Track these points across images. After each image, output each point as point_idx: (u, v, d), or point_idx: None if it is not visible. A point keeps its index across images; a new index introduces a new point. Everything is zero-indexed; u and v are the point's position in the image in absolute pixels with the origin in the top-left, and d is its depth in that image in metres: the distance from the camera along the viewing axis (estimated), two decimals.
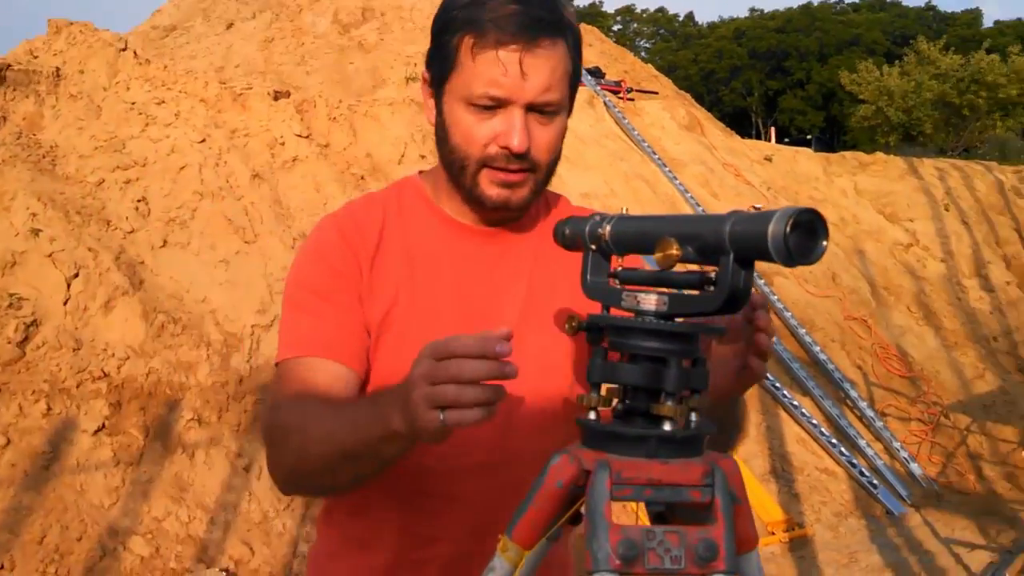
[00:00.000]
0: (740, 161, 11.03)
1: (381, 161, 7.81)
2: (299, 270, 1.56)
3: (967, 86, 27.69)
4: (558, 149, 1.53)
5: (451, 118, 1.48)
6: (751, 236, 1.01)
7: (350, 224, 1.56)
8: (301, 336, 1.49)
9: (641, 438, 1.09)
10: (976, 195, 12.07)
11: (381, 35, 12.64)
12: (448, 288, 1.54)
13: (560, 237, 1.33)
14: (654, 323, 1.11)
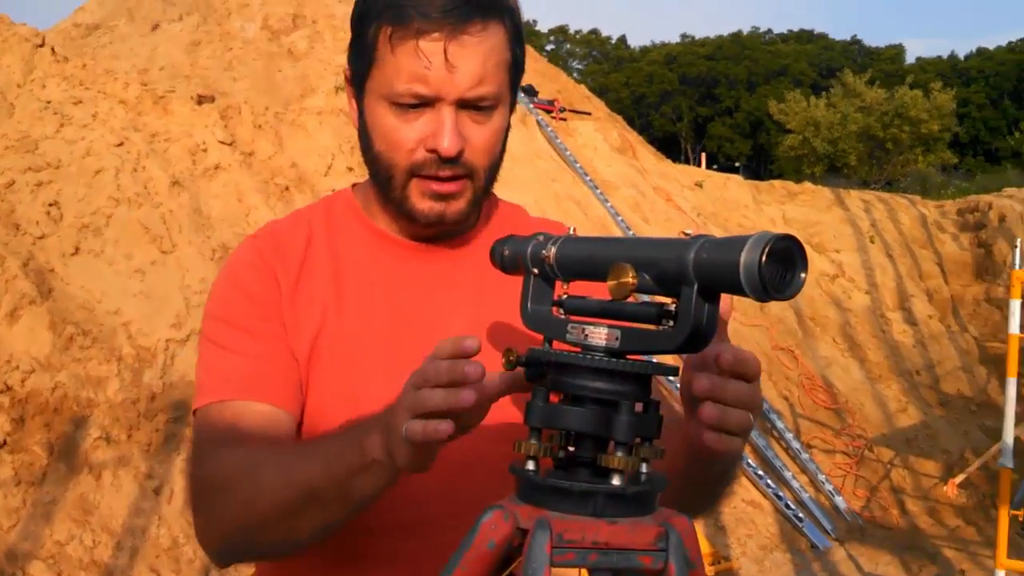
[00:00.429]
0: (671, 186, 11.03)
1: (307, 172, 7.60)
2: (215, 300, 1.40)
3: (891, 120, 28.33)
4: (498, 150, 1.37)
5: (373, 120, 1.33)
6: (719, 265, 0.88)
7: (270, 244, 1.40)
8: (223, 377, 1.32)
9: (586, 494, 0.95)
10: (900, 228, 12.23)
11: (312, 43, 12.39)
12: (381, 311, 1.38)
13: (497, 259, 1.18)
14: (604, 361, 0.96)
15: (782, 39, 62.54)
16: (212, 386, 1.32)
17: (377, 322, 1.37)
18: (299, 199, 7.12)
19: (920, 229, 12.46)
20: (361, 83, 1.34)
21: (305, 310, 1.36)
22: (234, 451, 1.23)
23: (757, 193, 11.94)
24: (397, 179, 1.33)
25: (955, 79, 43.12)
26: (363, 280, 1.40)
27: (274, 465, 1.17)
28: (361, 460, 1.09)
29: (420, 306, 1.40)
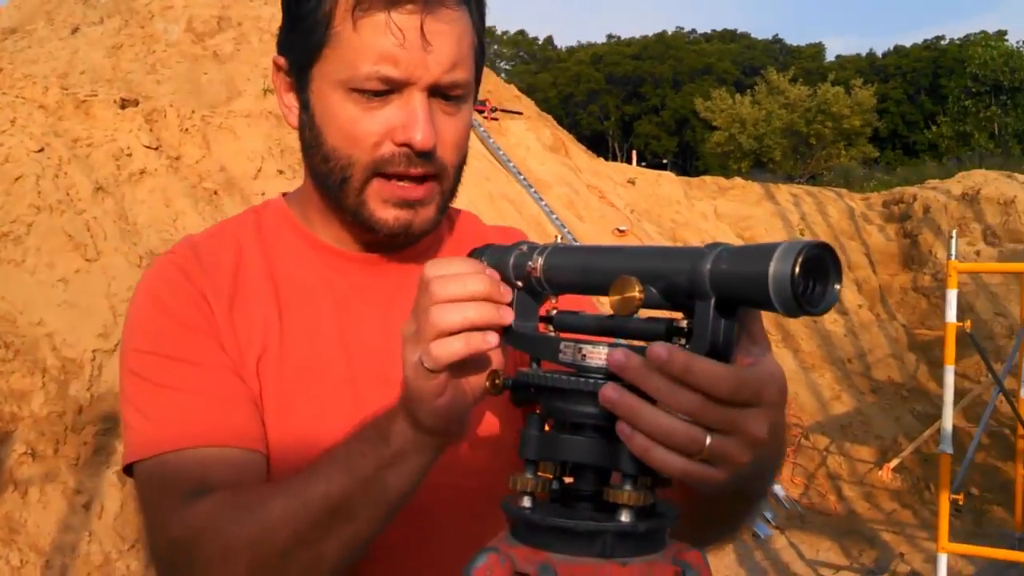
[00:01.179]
0: (604, 183, 11.01)
1: (236, 175, 7.40)
2: (136, 331, 1.17)
3: (814, 116, 28.82)
4: (466, 148, 1.20)
5: (325, 112, 1.13)
6: (743, 277, 0.78)
7: (191, 262, 1.19)
8: (170, 420, 1.10)
9: (593, 533, 0.86)
10: (829, 221, 12.39)
11: (237, 45, 12.13)
12: (330, 335, 1.20)
13: None
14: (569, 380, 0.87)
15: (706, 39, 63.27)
16: (160, 434, 1.10)
17: (326, 347, 1.19)
18: (228, 203, 6.93)
19: (848, 221, 12.63)
20: (305, 70, 1.14)
21: (245, 338, 1.16)
22: (213, 496, 1.03)
23: (689, 189, 11.99)
24: (354, 180, 1.13)
25: (873, 76, 43.92)
26: (307, 300, 1.21)
27: (278, 492, 1.00)
28: (389, 451, 0.96)
29: (374, 326, 1.21)
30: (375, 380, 1.16)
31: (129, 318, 1.20)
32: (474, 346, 0.90)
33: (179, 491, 1.06)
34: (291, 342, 1.18)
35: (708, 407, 0.79)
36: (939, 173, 17.15)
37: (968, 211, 12.32)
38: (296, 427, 1.15)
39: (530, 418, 0.90)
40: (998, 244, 11.78)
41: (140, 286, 1.21)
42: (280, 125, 8.10)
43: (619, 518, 0.86)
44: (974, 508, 8.12)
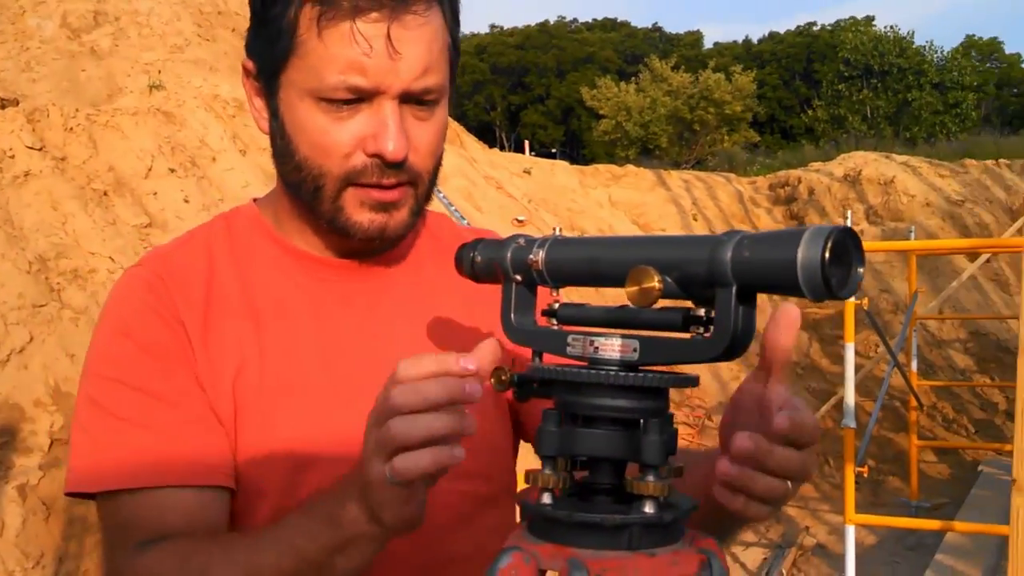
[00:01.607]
0: (500, 174, 11.02)
1: (126, 175, 7.16)
2: (100, 355, 1.13)
3: (697, 102, 29.40)
4: (441, 151, 1.18)
5: (295, 122, 1.10)
6: (769, 264, 0.78)
7: (162, 277, 1.15)
8: (127, 458, 1.07)
9: (621, 526, 0.85)
10: (720, 205, 12.67)
11: (116, 41, 11.72)
12: (311, 344, 1.17)
13: (467, 266, 1.01)
14: (626, 377, 0.86)
15: (587, 27, 63.76)
16: (116, 470, 1.07)
17: (307, 358, 1.16)
18: (120, 204, 6.70)
19: (737, 205, 12.94)
20: (273, 77, 1.12)
21: (219, 355, 1.12)
22: (167, 550, 1.02)
23: (583, 177, 12.11)
24: (328, 190, 1.11)
25: (750, 62, 44.98)
26: (284, 310, 1.17)
27: (230, 562, 0.98)
28: (340, 536, 0.94)
29: (354, 333, 1.19)
30: (357, 390, 1.13)
31: (93, 338, 1.16)
32: (441, 462, 0.88)
33: (132, 538, 1.05)
34: (271, 354, 1.15)
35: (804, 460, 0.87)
36: (818, 156, 17.71)
37: (851, 192, 12.76)
38: (279, 440, 1.12)
39: (547, 415, 0.89)
40: (880, 223, 12.22)
41: (106, 304, 1.17)
42: (169, 122, 7.88)
43: (643, 509, 0.85)
44: (871, 479, 8.41)
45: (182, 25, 11.34)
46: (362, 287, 1.22)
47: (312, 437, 1.13)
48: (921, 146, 23.14)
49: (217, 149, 7.97)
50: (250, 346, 1.14)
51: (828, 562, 6.58)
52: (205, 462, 1.09)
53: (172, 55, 9.74)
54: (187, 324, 1.12)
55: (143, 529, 1.05)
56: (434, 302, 1.26)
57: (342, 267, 1.22)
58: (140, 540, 1.04)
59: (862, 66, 40.70)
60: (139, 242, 6.43)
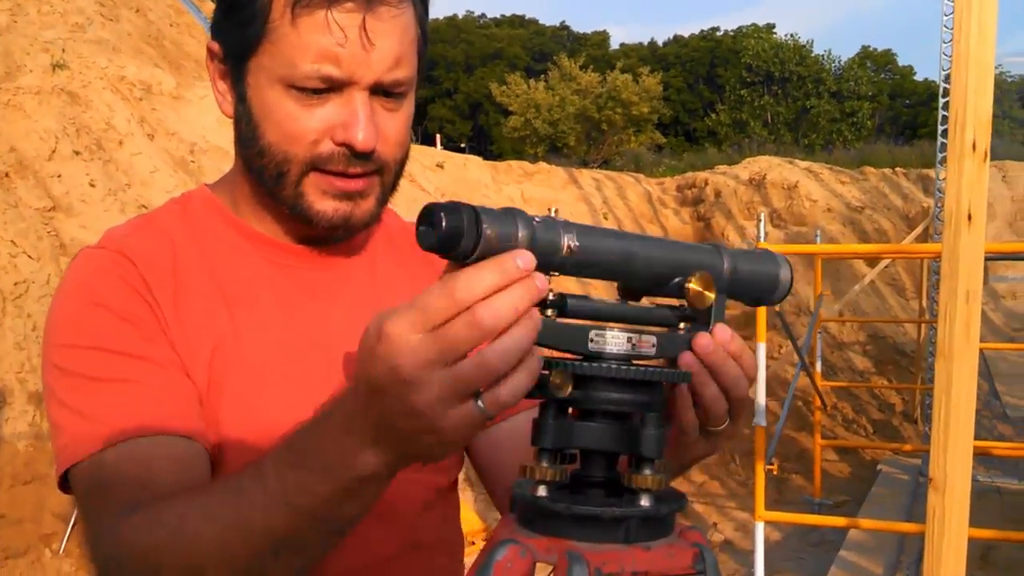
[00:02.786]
0: (413, 167, 10.95)
1: (28, 156, 6.90)
2: (63, 325, 1.08)
3: (604, 102, 29.73)
4: (408, 143, 1.16)
5: (263, 107, 1.08)
6: (758, 277, 0.97)
7: (127, 256, 1.10)
8: (108, 414, 1.01)
9: (619, 519, 0.84)
10: (629, 204, 12.82)
11: (13, 16, 11.30)
12: (276, 327, 1.14)
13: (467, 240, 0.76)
14: (631, 370, 0.85)
15: (496, 23, 63.92)
16: (95, 430, 1.01)
17: (277, 343, 1.13)
18: (22, 187, 6.46)
19: (646, 205, 13.11)
20: (241, 61, 1.09)
21: (194, 332, 1.09)
22: (155, 514, 0.94)
23: (496, 173, 12.12)
24: (291, 175, 1.09)
25: (656, 64, 45.64)
26: (250, 294, 1.15)
27: (211, 518, 0.90)
28: (345, 485, 0.85)
29: (318, 319, 1.17)
30: (325, 377, 1.11)
31: (55, 313, 1.09)
32: (536, 374, 0.79)
33: (117, 499, 0.98)
34: (245, 335, 1.12)
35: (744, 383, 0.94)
36: (721, 159, 18.04)
37: (756, 195, 13.04)
38: (255, 421, 1.09)
39: (544, 407, 0.87)
40: (784, 227, 12.52)
41: (68, 279, 1.11)
42: (74, 103, 7.62)
43: (641, 503, 0.84)
44: (775, 477, 8.61)
45: (83, 3, 10.96)
46: (323, 276, 1.20)
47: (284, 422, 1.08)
48: (819, 153, 23.77)
49: (124, 133, 7.74)
50: (224, 325, 1.11)
51: (735, 558, 6.71)
52: (187, 414, 1.05)
53: (74, 34, 9.42)
54: (159, 301, 1.09)
55: (131, 485, 0.99)
56: (390, 295, 1.24)
57: (302, 253, 1.20)
58: (126, 502, 0.97)
59: (763, 73, 41.67)
60: (42, 226, 6.21)
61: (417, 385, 0.74)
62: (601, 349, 0.86)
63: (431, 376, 0.74)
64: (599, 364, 0.84)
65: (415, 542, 1.19)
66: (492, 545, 0.85)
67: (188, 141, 8.31)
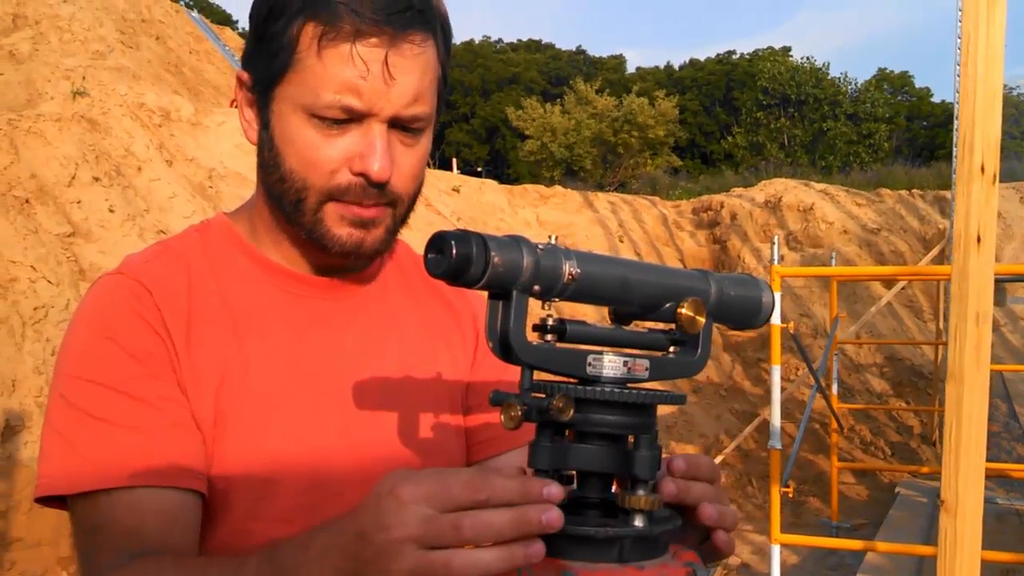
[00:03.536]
0: (429, 191, 11.01)
1: (48, 183, 6.98)
2: (78, 357, 1.11)
3: (621, 126, 29.80)
4: (422, 177, 1.21)
5: (285, 134, 1.12)
6: (743, 302, 1.00)
7: (145, 284, 1.14)
8: (105, 457, 1.05)
9: (612, 539, 0.86)
10: (644, 227, 12.83)
11: (36, 45, 11.45)
12: (289, 358, 1.18)
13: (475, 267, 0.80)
14: (631, 394, 0.87)
15: (512, 48, 64.27)
16: (91, 471, 1.05)
17: (288, 373, 1.16)
18: (42, 212, 6.53)
19: (662, 228, 13.12)
20: (267, 89, 1.14)
21: (203, 363, 1.12)
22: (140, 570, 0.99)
23: (512, 197, 12.16)
24: (310, 203, 1.13)
25: (672, 88, 45.74)
26: (262, 323, 1.18)
27: None
28: None
29: (332, 350, 1.21)
30: (336, 407, 1.17)
31: (69, 340, 1.13)
32: (516, 562, 0.80)
33: (108, 545, 1.04)
34: (254, 365, 1.15)
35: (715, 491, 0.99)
36: (738, 182, 18.05)
37: (772, 218, 13.02)
38: (259, 452, 1.12)
39: (541, 429, 0.89)
40: (800, 249, 12.49)
41: (84, 307, 1.15)
42: (94, 131, 7.71)
43: (634, 523, 0.86)
44: (792, 500, 8.56)
45: (104, 31, 11.13)
46: (335, 306, 1.24)
47: (290, 451, 1.14)
48: (836, 175, 23.73)
49: (143, 159, 7.82)
50: (233, 355, 1.15)
51: None
52: (183, 465, 1.08)
53: (94, 61, 9.54)
54: (171, 331, 1.12)
55: (121, 533, 1.03)
56: (400, 326, 1.28)
57: (315, 283, 1.23)
58: (116, 547, 1.02)
59: (780, 95, 41.63)
60: (62, 251, 6.27)
61: (394, 553, 0.79)
62: (598, 373, 0.89)
63: (407, 550, 0.79)
64: (600, 388, 0.87)
65: None
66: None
67: (206, 167, 8.40)
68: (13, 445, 5.01)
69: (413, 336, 1.29)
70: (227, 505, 1.11)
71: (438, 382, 1.30)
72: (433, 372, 1.29)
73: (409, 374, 1.27)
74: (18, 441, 5.04)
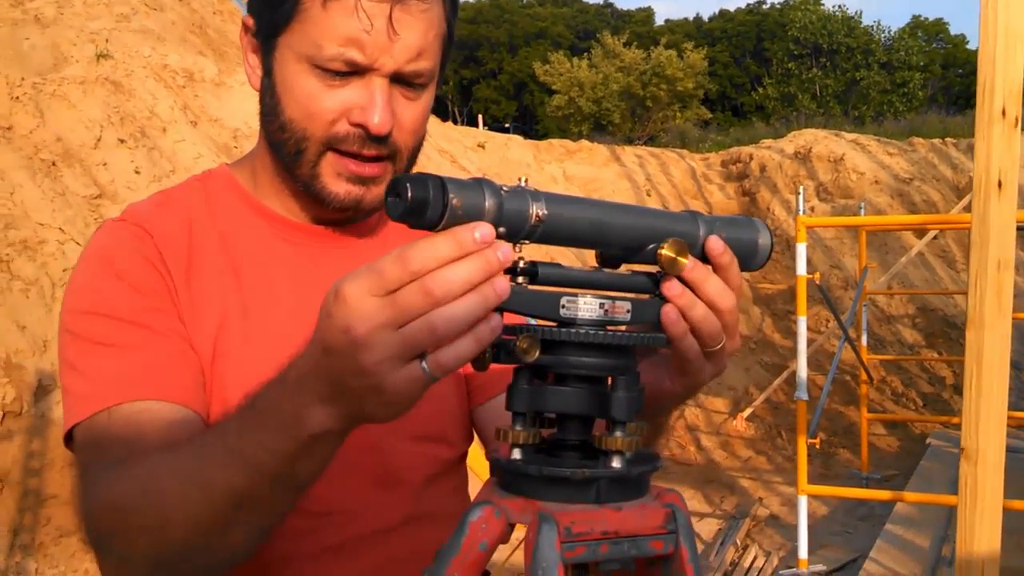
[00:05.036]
0: (454, 148, 10.99)
1: (74, 146, 7.02)
2: (83, 294, 1.13)
3: (649, 79, 29.50)
4: (424, 131, 1.21)
5: (286, 83, 1.13)
6: (737, 244, 0.97)
7: (147, 230, 1.16)
8: (108, 378, 1.06)
9: (589, 480, 0.86)
10: (672, 181, 12.73)
11: (60, 9, 11.48)
12: (288, 303, 1.18)
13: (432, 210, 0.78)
14: (602, 335, 0.86)
15: (539, 3, 63.59)
16: (94, 392, 1.06)
17: (288, 319, 1.16)
18: (68, 175, 6.58)
19: (690, 181, 13.02)
20: (271, 36, 1.14)
21: (203, 305, 1.14)
22: (128, 469, 0.98)
23: (537, 152, 12.10)
24: (309, 152, 1.14)
25: (701, 40, 45.12)
26: (262, 270, 1.19)
27: (176, 475, 0.94)
28: (299, 442, 0.87)
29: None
30: None
31: (73, 281, 1.15)
32: (485, 342, 0.80)
33: (105, 454, 1.03)
34: (254, 309, 1.17)
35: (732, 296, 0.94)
36: (769, 133, 17.82)
37: (801, 169, 12.88)
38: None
39: (518, 372, 0.89)
40: (830, 200, 12.36)
41: (88, 251, 1.17)
42: (117, 93, 7.73)
43: (611, 464, 0.86)
44: (822, 451, 8.55)
45: None
46: (335, 254, 1.24)
47: None
48: (869, 125, 23.40)
49: (167, 120, 7.84)
50: (232, 303, 1.16)
51: (781, 532, 6.68)
52: (184, 384, 1.09)
53: (119, 24, 9.53)
54: (172, 272, 1.14)
55: (118, 445, 1.03)
56: None
57: (315, 233, 1.24)
58: (111, 459, 1.01)
59: (811, 45, 41.06)
60: (89, 213, 6.33)
61: (366, 346, 0.78)
62: (573, 315, 0.88)
63: (379, 338, 0.77)
64: (568, 330, 0.86)
65: (420, 513, 1.23)
66: (467, 507, 0.88)
67: (231, 127, 8.41)
68: (45, 404, 5.09)
69: None
70: None
71: None
72: None
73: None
74: (50, 400, 5.12)
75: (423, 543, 1.24)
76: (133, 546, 0.96)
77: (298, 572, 1.15)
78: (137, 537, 0.95)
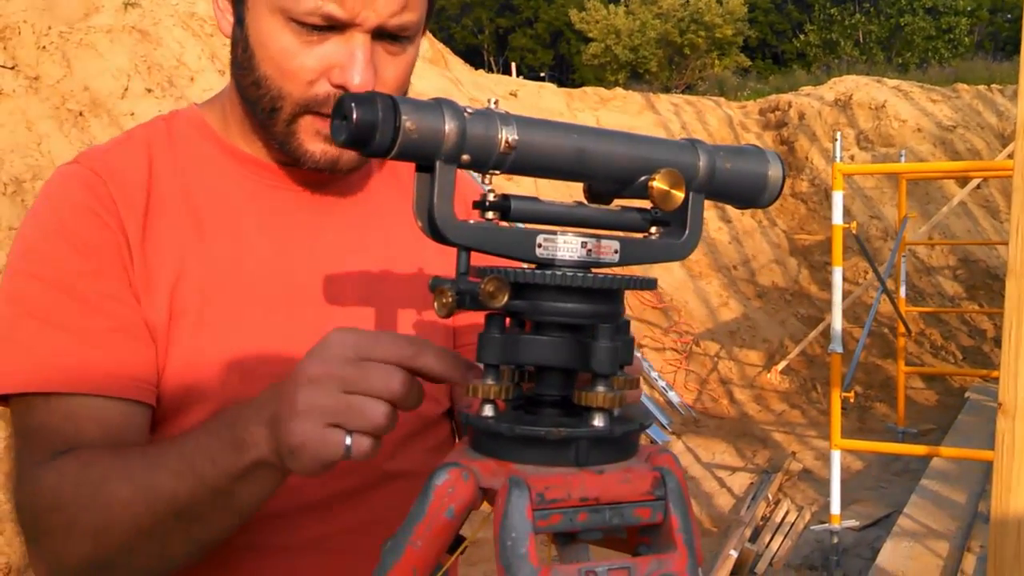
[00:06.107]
0: (486, 96, 10.82)
1: (101, 95, 6.98)
2: (27, 250, 1.06)
3: (687, 26, 28.98)
4: (407, 87, 1.11)
5: (261, 36, 1.03)
6: (742, 176, 0.87)
7: (101, 175, 1.07)
8: (44, 361, 1.00)
9: (567, 440, 0.77)
10: (709, 130, 12.50)
11: None
12: (256, 251, 1.10)
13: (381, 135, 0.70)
14: (580, 277, 0.77)
15: None
16: (31, 369, 1.00)
17: (252, 264, 1.10)
18: (96, 125, 6.55)
19: (727, 129, 12.78)
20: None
21: (157, 260, 1.06)
22: (69, 464, 0.95)
23: (571, 100, 11.93)
24: (284, 112, 1.05)
25: None
26: (228, 216, 1.11)
27: (127, 479, 0.91)
28: (241, 462, 0.87)
29: (303, 244, 1.13)
30: (312, 304, 1.11)
31: (21, 233, 1.07)
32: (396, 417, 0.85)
33: (41, 448, 0.98)
34: (212, 263, 1.08)
35: None
36: (809, 81, 17.45)
37: (841, 117, 12.60)
38: (215, 358, 1.06)
39: (490, 321, 0.80)
40: (871, 148, 12.10)
41: (37, 200, 1.09)
42: (144, 41, 7.67)
43: (592, 423, 0.77)
44: (858, 405, 8.43)
45: None
46: (312, 197, 1.16)
47: (259, 351, 1.08)
48: (913, 71, 22.88)
49: (195, 69, 7.78)
50: (191, 252, 1.08)
51: (814, 487, 6.59)
52: (126, 373, 1.02)
53: None
54: (126, 226, 1.06)
55: (56, 438, 0.99)
56: (385, 223, 1.21)
57: (291, 173, 1.16)
58: (49, 450, 0.98)
59: None
60: None
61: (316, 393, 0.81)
62: (551, 256, 0.79)
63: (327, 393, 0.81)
64: (542, 271, 0.77)
65: (395, 471, 1.15)
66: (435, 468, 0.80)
67: None
68: None
69: (399, 233, 1.20)
70: (186, 408, 1.05)
71: (424, 280, 1.21)
72: (419, 270, 1.20)
73: (393, 270, 1.18)
74: None
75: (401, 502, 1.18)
76: (74, 547, 0.94)
77: (274, 530, 1.09)
78: (80, 538, 0.94)
